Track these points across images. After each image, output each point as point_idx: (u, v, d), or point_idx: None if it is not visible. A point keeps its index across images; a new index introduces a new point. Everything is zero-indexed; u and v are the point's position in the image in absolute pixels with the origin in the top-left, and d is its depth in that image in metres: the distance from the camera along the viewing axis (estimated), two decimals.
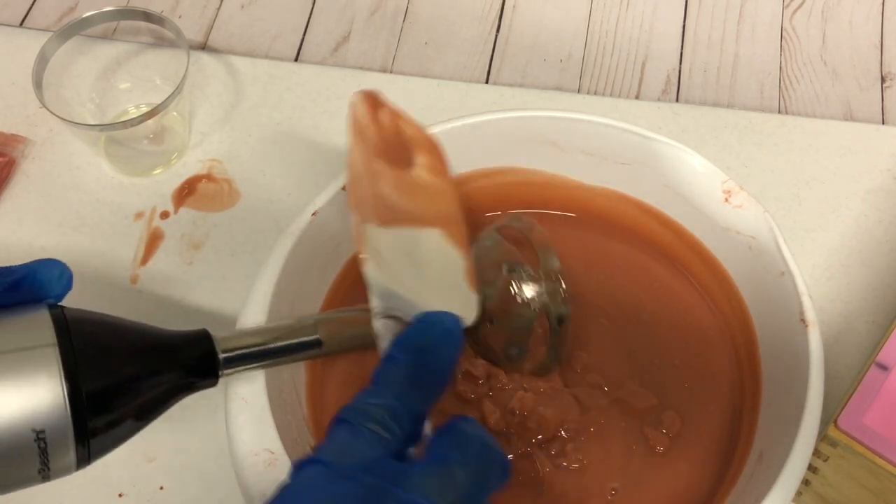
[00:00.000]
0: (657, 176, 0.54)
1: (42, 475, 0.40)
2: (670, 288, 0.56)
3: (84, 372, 0.39)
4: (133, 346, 0.42)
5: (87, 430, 0.39)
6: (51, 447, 0.38)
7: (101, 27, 0.66)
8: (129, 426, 0.42)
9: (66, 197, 0.66)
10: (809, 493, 0.53)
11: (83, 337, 0.40)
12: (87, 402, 0.39)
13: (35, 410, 0.38)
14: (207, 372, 0.44)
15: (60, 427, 0.38)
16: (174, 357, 0.43)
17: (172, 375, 0.43)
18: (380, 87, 0.70)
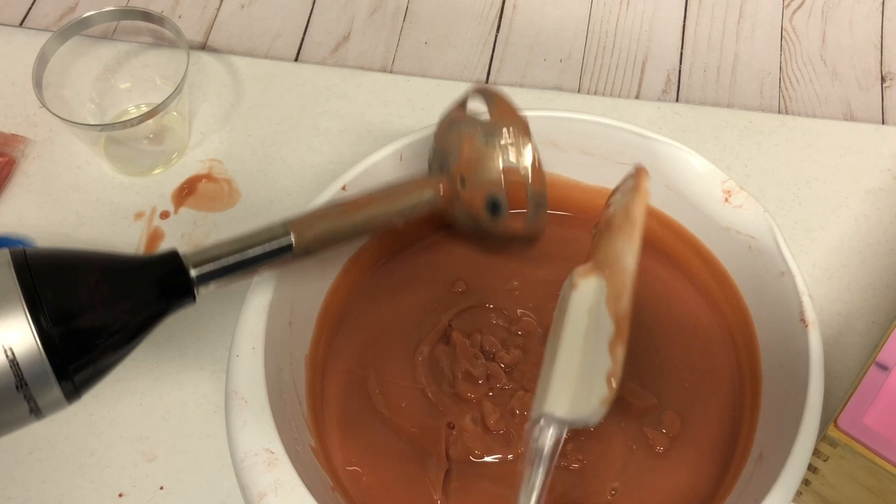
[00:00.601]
0: (657, 176, 0.54)
1: (34, 413, 0.40)
2: (670, 288, 0.56)
3: (49, 305, 0.39)
4: (99, 274, 0.42)
5: (64, 362, 0.39)
6: (32, 385, 0.39)
7: (101, 27, 0.66)
8: (111, 354, 0.42)
9: (66, 197, 0.66)
10: (809, 493, 0.53)
11: (45, 273, 0.40)
12: (57, 334, 0.39)
13: (6, 351, 0.38)
14: (181, 291, 0.43)
15: (35, 363, 0.39)
16: (143, 280, 0.43)
17: (144, 298, 0.43)
18: (380, 86, 0.70)
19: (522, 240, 0.51)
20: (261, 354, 0.46)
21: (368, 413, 0.52)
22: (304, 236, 0.46)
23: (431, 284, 0.56)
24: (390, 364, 0.53)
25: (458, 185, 0.48)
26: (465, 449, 0.51)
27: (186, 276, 0.43)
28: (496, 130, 0.49)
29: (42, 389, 0.39)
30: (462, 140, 0.49)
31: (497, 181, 0.48)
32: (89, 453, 0.56)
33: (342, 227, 0.47)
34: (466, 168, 0.49)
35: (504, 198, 0.48)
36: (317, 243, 0.46)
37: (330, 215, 0.47)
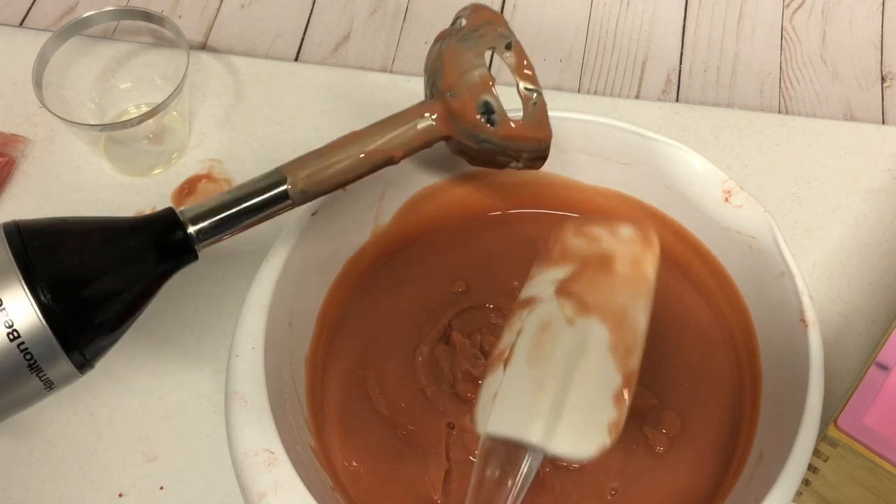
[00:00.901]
0: (657, 176, 0.54)
1: (48, 386, 0.40)
2: (670, 288, 0.56)
3: (47, 277, 0.39)
4: (95, 239, 0.41)
5: (70, 334, 0.39)
6: (40, 361, 0.38)
7: (100, 27, 0.66)
8: (118, 320, 0.42)
9: (66, 197, 0.66)
10: (809, 493, 0.53)
11: (39, 244, 0.39)
12: (58, 305, 0.38)
13: (9, 329, 0.38)
14: (181, 249, 0.43)
15: (40, 338, 0.38)
16: (142, 241, 0.42)
17: (145, 260, 0.42)
18: (380, 86, 0.70)
19: (531, 146, 0.48)
20: (261, 354, 0.46)
21: (368, 413, 0.52)
22: (299, 178, 0.44)
23: (431, 284, 0.56)
24: (390, 364, 0.53)
25: (448, 99, 0.47)
26: (465, 449, 0.51)
27: (185, 233, 0.43)
28: (471, 33, 0.47)
29: (52, 364, 0.39)
30: (443, 54, 0.48)
31: (483, 82, 0.46)
32: (89, 453, 0.56)
33: (338, 162, 0.45)
34: (452, 79, 0.47)
35: (495, 98, 0.46)
36: (314, 184, 0.45)
37: (324, 152, 0.45)
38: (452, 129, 0.47)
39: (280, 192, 0.44)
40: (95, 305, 0.40)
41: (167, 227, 0.43)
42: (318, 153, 0.46)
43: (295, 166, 0.45)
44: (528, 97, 0.46)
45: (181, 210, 0.43)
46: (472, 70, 0.46)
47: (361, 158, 0.46)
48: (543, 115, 0.47)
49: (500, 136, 0.47)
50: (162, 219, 0.43)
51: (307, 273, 0.52)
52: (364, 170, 0.46)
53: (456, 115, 0.47)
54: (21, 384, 0.39)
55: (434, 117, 0.47)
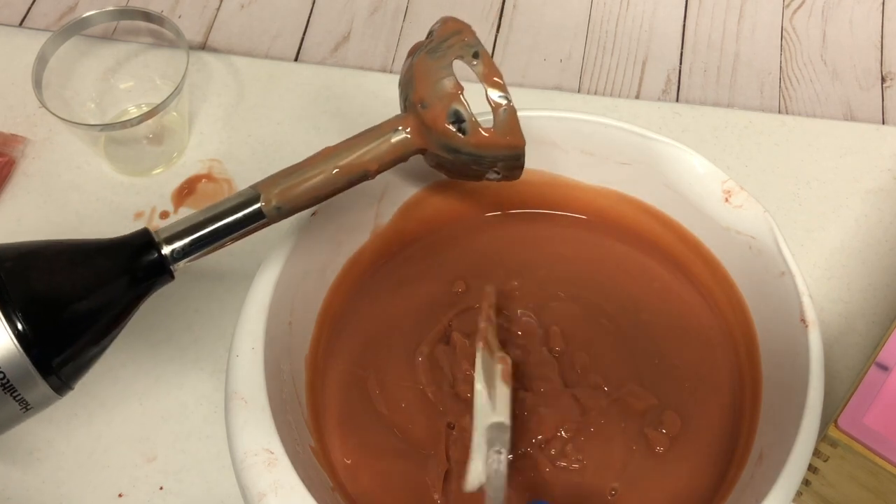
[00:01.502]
0: (657, 176, 0.54)
1: (24, 408, 0.40)
2: (670, 288, 0.56)
3: (20, 300, 0.38)
4: (68, 262, 0.41)
5: (45, 357, 0.39)
6: (17, 384, 0.38)
7: (100, 27, 0.66)
8: (94, 343, 0.41)
9: (66, 197, 0.66)
10: (809, 493, 0.53)
11: (11, 268, 0.39)
12: (32, 329, 0.38)
13: None
14: (156, 269, 0.43)
15: (15, 362, 0.38)
16: (115, 262, 0.42)
17: (119, 281, 0.42)
18: (380, 86, 0.70)
19: (505, 154, 0.47)
20: (260, 354, 0.46)
21: (368, 413, 0.52)
22: (272, 194, 0.44)
23: (431, 284, 0.56)
24: (390, 364, 0.53)
25: (419, 111, 0.46)
26: (466, 449, 0.50)
27: (159, 254, 0.43)
28: (440, 44, 0.47)
29: (28, 387, 0.39)
30: (413, 67, 0.47)
31: (452, 91, 0.46)
32: (89, 454, 0.56)
33: (312, 177, 0.45)
34: (422, 91, 0.46)
35: (465, 106, 0.46)
36: (288, 200, 0.45)
37: (298, 169, 0.45)
38: (426, 140, 0.47)
39: (254, 210, 0.44)
40: (70, 328, 0.40)
41: (141, 247, 0.43)
42: (291, 169, 0.46)
43: (268, 183, 0.45)
44: (498, 104, 0.46)
45: (156, 231, 0.43)
46: (440, 80, 0.46)
47: (336, 174, 0.46)
48: (514, 122, 0.46)
49: (472, 144, 0.46)
50: (136, 240, 0.43)
51: (307, 273, 0.52)
52: (339, 185, 0.46)
53: (428, 125, 0.46)
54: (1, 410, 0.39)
55: (408, 130, 0.47)
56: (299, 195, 0.45)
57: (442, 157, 0.48)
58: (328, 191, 0.46)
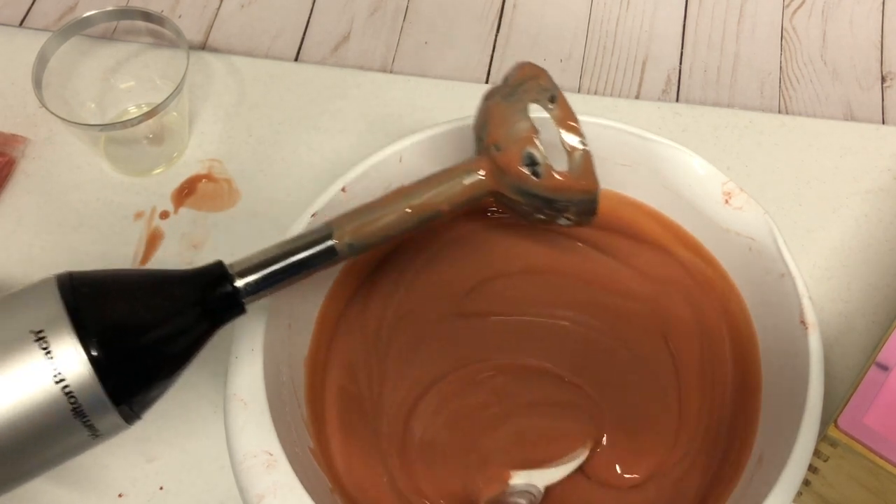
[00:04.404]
0: (657, 177, 0.54)
1: (94, 437, 0.40)
2: (670, 289, 0.56)
3: (98, 330, 0.38)
4: (145, 293, 0.41)
5: (119, 386, 0.39)
6: (89, 412, 0.38)
7: (100, 27, 0.66)
8: (165, 374, 0.41)
9: (66, 197, 0.66)
10: (809, 494, 0.53)
11: (91, 296, 0.39)
12: (108, 358, 0.38)
13: (60, 380, 0.37)
14: (229, 303, 0.43)
15: (90, 390, 0.38)
16: (190, 295, 0.42)
17: (193, 314, 0.42)
18: (380, 86, 0.70)
19: (578, 198, 0.47)
20: (260, 356, 0.46)
21: (368, 415, 0.52)
22: (345, 234, 0.45)
23: (431, 286, 0.56)
24: (390, 365, 0.53)
25: (493, 153, 0.47)
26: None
27: (233, 287, 0.43)
28: (516, 88, 0.47)
29: (100, 415, 0.39)
30: (489, 110, 0.48)
31: (527, 135, 0.46)
32: (89, 453, 0.56)
33: (385, 216, 0.45)
34: (497, 133, 0.47)
35: (539, 150, 0.46)
36: (361, 237, 0.45)
37: (371, 207, 0.45)
38: (499, 183, 0.47)
39: (327, 247, 0.44)
40: (144, 357, 0.40)
41: (215, 280, 0.43)
42: (365, 208, 0.46)
43: (342, 221, 0.45)
44: (574, 148, 0.47)
45: (230, 264, 0.43)
46: (516, 124, 0.46)
47: (408, 213, 0.46)
48: (589, 166, 0.47)
49: (545, 187, 0.47)
50: (210, 272, 0.43)
51: None
52: (411, 224, 0.46)
53: (502, 168, 0.47)
54: (69, 435, 0.39)
55: (481, 172, 0.47)
56: (372, 233, 0.45)
57: (514, 201, 0.48)
58: (399, 229, 0.46)
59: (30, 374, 0.37)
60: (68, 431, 0.39)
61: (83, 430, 0.39)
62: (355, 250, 0.45)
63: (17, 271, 0.62)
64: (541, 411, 0.51)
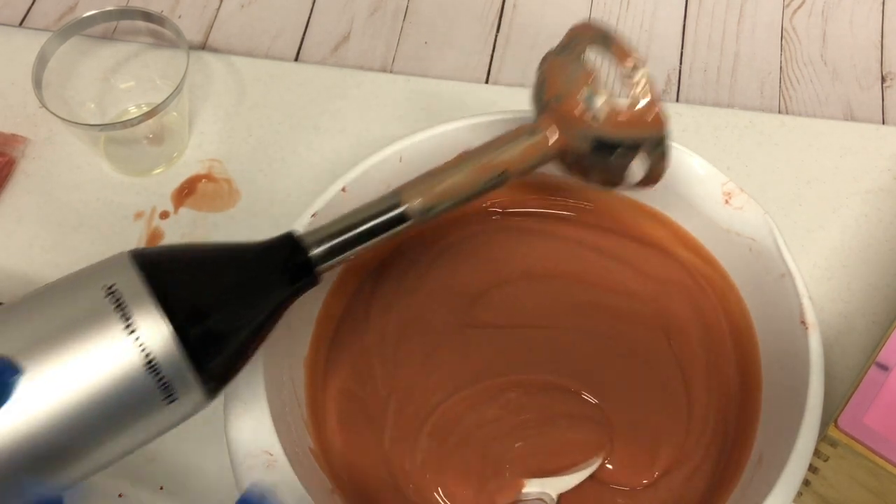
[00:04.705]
0: None
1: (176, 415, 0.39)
2: (670, 289, 0.56)
3: (180, 303, 0.38)
4: (222, 266, 0.41)
5: (202, 360, 0.38)
6: (174, 387, 0.38)
7: (100, 27, 0.66)
8: (244, 348, 0.41)
9: (66, 197, 0.66)
10: (809, 494, 0.53)
11: (169, 270, 0.39)
12: (191, 332, 0.37)
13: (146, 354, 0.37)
14: (302, 274, 0.42)
15: (175, 364, 0.37)
16: (265, 267, 0.41)
17: (269, 286, 0.41)
18: (380, 86, 0.70)
19: (645, 133, 0.45)
20: (260, 356, 0.46)
21: (367, 415, 0.52)
22: (415, 197, 0.44)
23: (430, 287, 0.56)
24: (389, 367, 0.53)
25: (554, 106, 0.46)
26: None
27: (306, 257, 0.42)
28: (568, 43, 0.46)
29: (184, 390, 0.38)
30: (543, 72, 0.47)
31: (583, 78, 0.45)
32: None
33: (453, 179, 0.45)
34: (554, 86, 0.46)
35: (598, 91, 0.45)
36: (430, 201, 0.44)
37: (437, 172, 0.45)
38: (564, 137, 0.46)
39: (398, 213, 0.44)
40: (224, 332, 0.39)
41: (290, 252, 0.42)
42: (431, 173, 0.45)
43: (409, 186, 0.45)
44: (635, 82, 0.45)
45: (301, 235, 0.43)
46: (572, 72, 0.46)
47: (474, 173, 0.45)
48: (654, 101, 0.45)
49: (610, 128, 0.45)
50: (284, 244, 0.42)
51: None
52: (478, 186, 0.45)
53: (564, 117, 0.46)
54: (153, 411, 0.38)
55: (544, 130, 0.46)
56: (441, 195, 0.45)
57: (582, 156, 0.47)
58: (468, 192, 0.45)
59: (113, 349, 0.36)
60: (152, 406, 0.38)
61: (166, 408, 0.38)
62: (427, 216, 0.44)
63: (17, 271, 0.62)
64: (553, 423, 0.51)
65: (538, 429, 0.51)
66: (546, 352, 0.53)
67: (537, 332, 0.54)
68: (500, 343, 0.54)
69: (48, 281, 0.62)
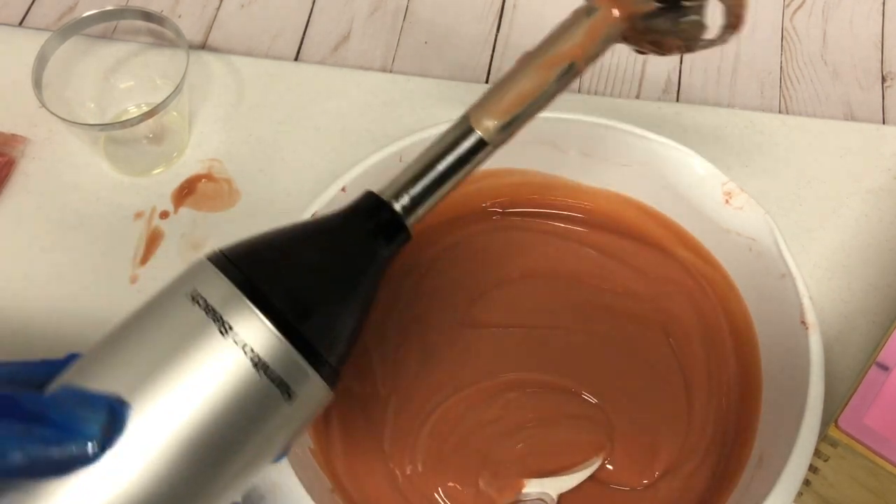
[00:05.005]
0: (658, 177, 0.54)
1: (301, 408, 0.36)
2: (670, 289, 0.56)
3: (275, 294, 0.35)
4: (308, 245, 0.38)
5: (312, 346, 0.36)
6: (290, 382, 0.35)
7: (100, 27, 0.66)
8: (353, 321, 0.38)
9: (65, 197, 0.66)
10: (810, 494, 0.53)
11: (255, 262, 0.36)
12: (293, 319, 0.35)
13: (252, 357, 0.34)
14: (394, 230, 0.39)
15: (285, 357, 0.35)
16: (354, 234, 0.39)
17: (364, 252, 0.39)
18: (380, 86, 0.70)
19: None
20: None
21: (367, 416, 0.52)
22: (487, 117, 0.40)
23: (430, 287, 0.56)
24: (390, 367, 0.53)
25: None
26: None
27: (392, 212, 0.39)
28: None
29: (302, 383, 0.36)
30: None
31: None
32: None
33: (520, 84, 0.40)
34: None
35: None
36: (503, 114, 0.40)
37: (502, 82, 0.41)
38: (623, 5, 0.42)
39: (475, 141, 0.40)
40: (327, 313, 0.37)
41: (373, 211, 0.39)
42: (495, 86, 0.41)
43: (478, 108, 0.41)
44: None
45: (380, 191, 0.40)
46: None
47: (540, 73, 0.41)
48: None
49: None
50: (365, 205, 0.40)
51: None
52: (548, 86, 0.41)
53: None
54: (275, 412, 0.35)
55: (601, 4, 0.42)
56: (510, 108, 0.40)
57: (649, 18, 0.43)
58: (539, 96, 0.41)
59: (216, 358, 0.34)
60: (275, 408, 0.35)
61: (289, 405, 0.36)
62: (506, 133, 0.40)
63: (17, 271, 0.62)
64: (553, 423, 0.51)
65: (538, 429, 0.51)
66: (546, 352, 0.53)
67: (537, 332, 0.54)
68: (500, 343, 0.54)
69: (48, 281, 0.62)
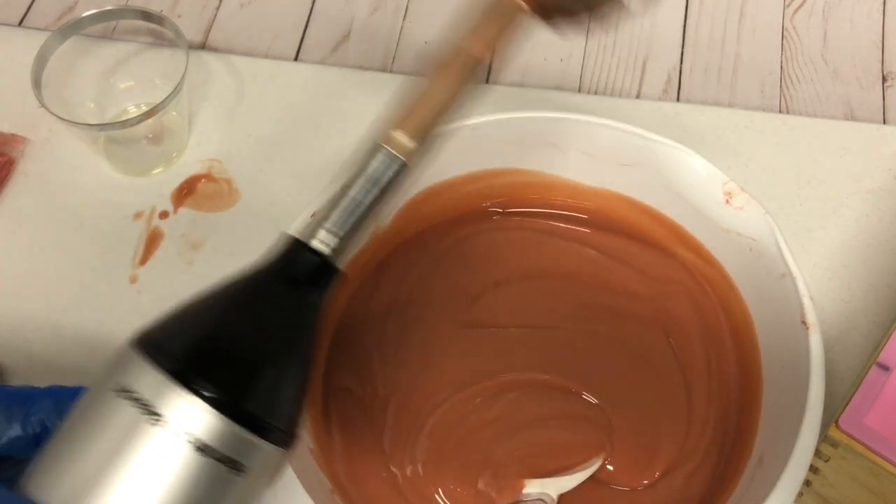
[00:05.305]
0: (658, 177, 0.54)
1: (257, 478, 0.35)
2: (670, 289, 0.56)
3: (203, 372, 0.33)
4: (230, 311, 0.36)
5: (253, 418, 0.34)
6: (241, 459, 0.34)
7: (100, 26, 0.66)
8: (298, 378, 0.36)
9: (65, 197, 0.66)
10: (810, 494, 0.53)
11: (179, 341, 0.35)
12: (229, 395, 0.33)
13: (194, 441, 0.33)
14: (322, 273, 0.37)
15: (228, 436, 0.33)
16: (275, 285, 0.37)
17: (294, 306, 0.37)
18: (380, 86, 0.70)
19: None
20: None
21: (367, 416, 0.52)
22: (402, 140, 0.38)
23: (431, 287, 0.56)
24: (389, 368, 0.53)
25: None
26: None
27: (317, 254, 0.37)
28: None
29: (251, 455, 0.34)
30: None
31: None
32: None
33: (431, 97, 0.39)
34: None
35: None
36: (417, 129, 0.39)
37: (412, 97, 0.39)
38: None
39: (398, 166, 0.38)
40: (267, 378, 0.35)
41: (296, 257, 0.37)
42: (406, 101, 0.39)
43: (389, 128, 0.39)
44: None
45: (298, 233, 0.38)
46: None
47: (449, 77, 0.40)
48: None
49: None
50: (286, 252, 0.38)
51: None
52: (460, 86, 0.40)
53: None
54: (233, 487, 0.34)
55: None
56: (424, 120, 0.39)
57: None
58: (451, 100, 0.40)
59: (162, 453, 0.33)
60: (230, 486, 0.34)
61: (243, 479, 0.34)
62: (421, 146, 0.39)
63: (17, 271, 0.62)
64: (553, 424, 0.51)
65: (538, 429, 0.51)
66: (546, 352, 0.53)
67: (537, 332, 0.54)
68: (500, 343, 0.54)
69: (48, 280, 0.62)
